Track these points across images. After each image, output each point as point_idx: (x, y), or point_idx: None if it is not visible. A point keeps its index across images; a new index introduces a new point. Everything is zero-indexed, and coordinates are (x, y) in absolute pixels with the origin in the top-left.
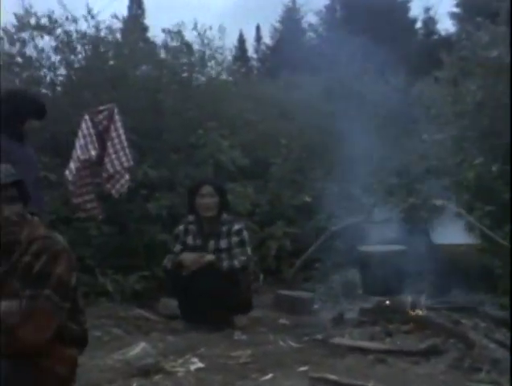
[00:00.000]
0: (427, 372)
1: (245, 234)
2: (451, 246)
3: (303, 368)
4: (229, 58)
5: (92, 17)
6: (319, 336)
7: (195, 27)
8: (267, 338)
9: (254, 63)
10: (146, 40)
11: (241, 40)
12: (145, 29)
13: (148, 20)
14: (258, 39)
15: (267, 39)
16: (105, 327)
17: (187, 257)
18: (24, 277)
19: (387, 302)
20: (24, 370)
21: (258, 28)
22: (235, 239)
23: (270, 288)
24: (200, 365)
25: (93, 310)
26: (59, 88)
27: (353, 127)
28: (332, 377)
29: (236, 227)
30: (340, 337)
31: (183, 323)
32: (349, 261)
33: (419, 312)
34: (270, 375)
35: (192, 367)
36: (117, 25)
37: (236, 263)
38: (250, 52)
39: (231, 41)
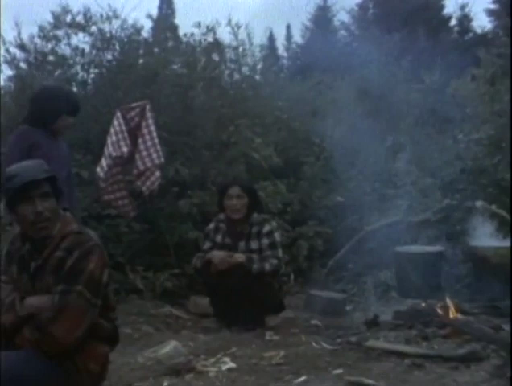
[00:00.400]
0: (468, 380)
1: (277, 235)
2: (489, 248)
3: (337, 371)
4: (259, 56)
5: (117, 16)
6: (353, 338)
7: (229, 23)
8: (300, 339)
9: (285, 61)
10: (177, 39)
11: (272, 39)
12: (175, 28)
13: (178, 20)
14: (289, 38)
15: (298, 38)
16: (135, 324)
17: (216, 255)
18: (57, 272)
19: (423, 305)
20: (57, 367)
21: (288, 27)
22: (266, 241)
23: (300, 288)
24: (232, 365)
25: (124, 307)
26: (90, 87)
27: (386, 126)
28: (369, 381)
29: (266, 228)
30: (375, 340)
31: (214, 322)
32: (383, 262)
33: (457, 316)
34: (303, 378)
35: (224, 367)
36: (149, 24)
37: (267, 266)
38: (281, 51)
39: (261, 40)
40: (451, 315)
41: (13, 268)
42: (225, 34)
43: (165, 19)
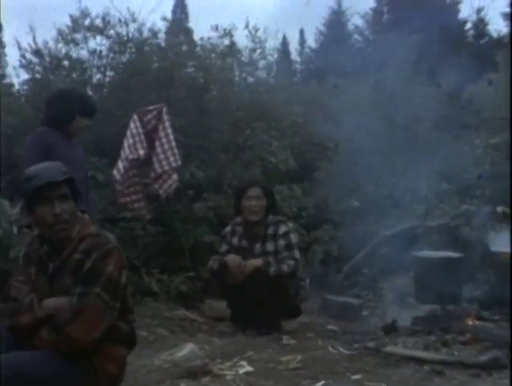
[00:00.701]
0: None
1: (293, 236)
2: (509, 254)
3: (356, 377)
4: (274, 60)
5: (134, 20)
6: (370, 344)
7: (246, 26)
8: (316, 343)
9: (298, 66)
10: (191, 42)
11: (285, 43)
12: (190, 32)
13: (192, 24)
14: (302, 42)
15: (311, 42)
16: (150, 327)
17: (233, 260)
18: (75, 274)
19: (442, 311)
20: (75, 368)
21: (301, 31)
22: (282, 242)
23: (316, 293)
24: (249, 369)
25: (139, 309)
26: (106, 90)
27: (401, 131)
28: None
29: (282, 229)
30: (393, 345)
31: (229, 326)
32: (399, 268)
33: (477, 322)
34: (322, 382)
35: (241, 371)
36: (163, 28)
37: (285, 267)
38: (294, 56)
39: (274, 44)
40: (470, 322)
41: (31, 269)
42: (240, 38)
43: (179, 23)
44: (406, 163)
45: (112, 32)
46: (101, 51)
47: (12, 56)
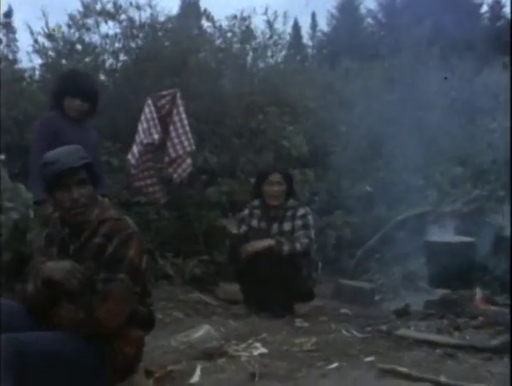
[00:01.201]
0: (502, 371)
1: (310, 218)
2: None
3: (369, 359)
4: (287, 45)
5: (146, 4)
6: (383, 327)
7: (265, 12)
8: (329, 326)
9: (309, 50)
10: (201, 28)
11: (296, 28)
12: (207, 16)
13: (203, 7)
14: (314, 26)
15: (323, 26)
16: (165, 310)
17: (249, 247)
18: (97, 258)
19: (455, 295)
20: (94, 349)
21: (313, 15)
22: (299, 222)
23: (328, 277)
24: (264, 350)
25: (154, 292)
26: (119, 75)
27: (415, 115)
28: (402, 369)
29: (301, 211)
30: (406, 329)
31: (243, 308)
32: (411, 252)
33: (489, 307)
34: (335, 364)
35: (256, 352)
36: (176, 11)
37: (298, 246)
38: (305, 40)
39: (284, 28)
40: (482, 306)
41: (53, 249)
42: (255, 23)
43: (192, 6)
44: (418, 148)
45: (124, 17)
46: (114, 35)
47: (23, 41)
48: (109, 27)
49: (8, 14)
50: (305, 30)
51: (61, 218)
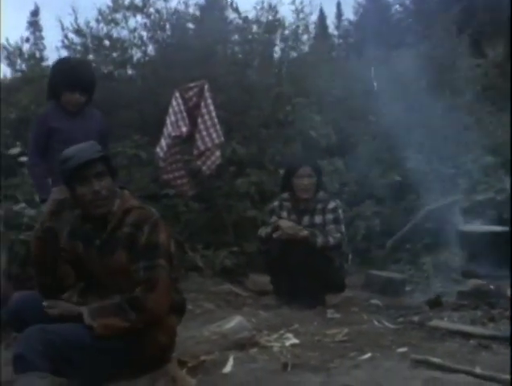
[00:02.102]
0: None
1: (340, 212)
2: None
3: (401, 350)
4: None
5: None
6: (415, 318)
7: (293, 2)
8: (361, 317)
9: (335, 40)
10: (225, 19)
11: (322, 17)
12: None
13: None
14: (339, 15)
15: (349, 15)
16: (196, 301)
17: (285, 222)
18: (129, 248)
19: (489, 286)
20: (128, 339)
21: (338, 4)
22: (330, 216)
23: (358, 268)
24: (295, 341)
25: (184, 284)
26: (146, 68)
27: (445, 103)
28: (435, 360)
29: (331, 205)
30: (439, 320)
31: (274, 299)
32: (442, 242)
33: None
34: (368, 355)
35: (287, 343)
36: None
37: (331, 240)
38: (331, 30)
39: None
40: None
41: (78, 245)
42: (282, 12)
43: None
44: (449, 136)
45: (152, 10)
46: (143, 27)
47: (48, 39)
48: (137, 21)
49: (35, 12)
50: (330, 20)
51: (82, 214)
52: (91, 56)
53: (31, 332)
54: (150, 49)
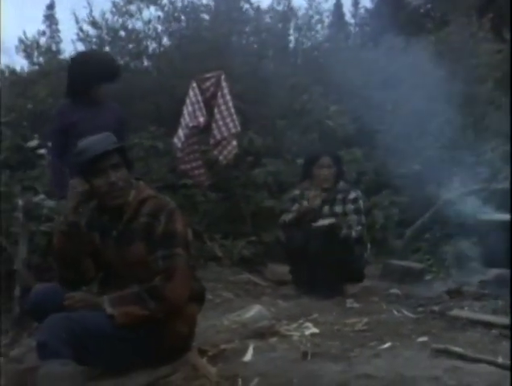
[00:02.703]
0: None
1: (361, 203)
2: None
3: (422, 339)
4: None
5: None
6: (435, 308)
7: None
8: (380, 307)
9: (352, 28)
10: (240, 9)
11: (338, 5)
12: None
13: None
14: (356, 3)
15: (366, 2)
16: (215, 291)
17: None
18: (147, 238)
19: (510, 275)
20: (148, 329)
21: None
22: (350, 206)
23: (377, 258)
24: (315, 330)
25: (203, 273)
26: (162, 59)
27: (464, 91)
28: (456, 349)
29: (352, 195)
30: (459, 309)
31: (292, 289)
32: (462, 232)
33: None
34: (388, 344)
35: (307, 332)
36: None
37: (353, 233)
38: (348, 18)
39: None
40: None
41: (95, 236)
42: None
43: None
44: (468, 124)
45: (165, 1)
46: (157, 19)
47: (65, 32)
48: (151, 13)
49: (50, 6)
50: (347, 8)
51: (99, 206)
52: (107, 48)
53: (55, 320)
54: (165, 40)
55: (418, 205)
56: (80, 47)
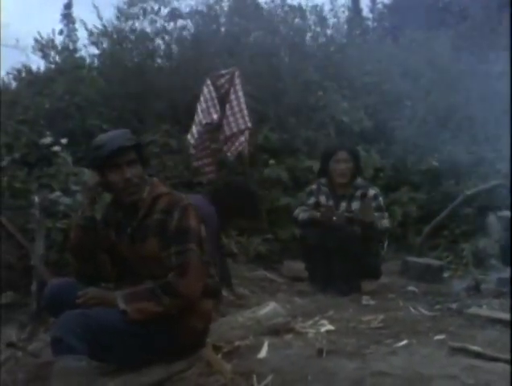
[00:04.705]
0: None
1: (381, 199)
2: None
3: (439, 337)
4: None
5: None
6: (453, 305)
7: None
8: (397, 304)
9: (370, 23)
10: (257, 5)
11: (356, 1)
12: None
13: None
14: None
15: None
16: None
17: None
18: (160, 234)
19: None
20: (163, 325)
21: None
22: (373, 204)
23: (395, 255)
24: (331, 327)
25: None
26: (174, 58)
27: (483, 85)
28: (474, 348)
29: (372, 192)
30: (478, 307)
31: (308, 286)
32: (481, 228)
33: None
34: (405, 342)
35: (323, 329)
36: None
37: (386, 223)
38: (365, 13)
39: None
40: None
41: (111, 232)
42: None
43: None
44: (488, 120)
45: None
46: (164, 21)
47: (82, 30)
48: (158, 14)
49: (68, 5)
50: (364, 4)
51: (114, 202)
52: (119, 49)
53: (70, 316)
54: (176, 39)
55: (436, 202)
56: (93, 49)
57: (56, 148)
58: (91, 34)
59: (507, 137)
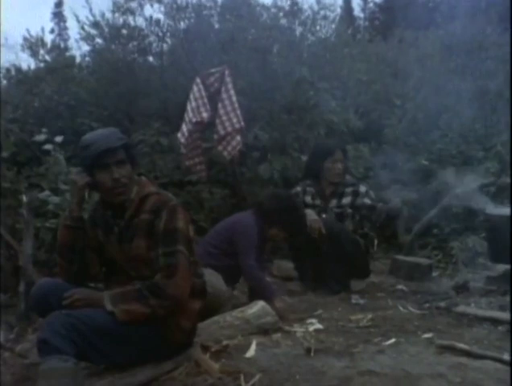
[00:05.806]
0: None
1: (372, 193)
2: None
3: (427, 335)
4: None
5: None
6: (442, 304)
7: None
8: (386, 303)
9: (361, 22)
10: (250, 4)
11: (347, 0)
12: None
13: None
14: None
15: None
16: None
17: (313, 216)
18: (148, 235)
19: None
20: (151, 325)
21: None
22: (367, 200)
23: (384, 253)
24: (319, 326)
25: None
26: (166, 56)
27: (473, 85)
28: (462, 346)
29: (362, 188)
30: (466, 305)
31: (298, 285)
32: (470, 227)
33: None
34: (392, 340)
35: (311, 328)
36: None
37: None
38: (357, 12)
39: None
40: None
41: (98, 231)
42: None
43: None
44: (477, 119)
45: None
46: (158, 19)
47: (73, 29)
48: (154, 10)
49: (58, 3)
50: (356, 3)
51: (102, 201)
52: (111, 46)
53: (55, 317)
54: (169, 36)
55: (426, 200)
56: (84, 46)
57: (48, 146)
58: (82, 28)
59: (507, 137)
